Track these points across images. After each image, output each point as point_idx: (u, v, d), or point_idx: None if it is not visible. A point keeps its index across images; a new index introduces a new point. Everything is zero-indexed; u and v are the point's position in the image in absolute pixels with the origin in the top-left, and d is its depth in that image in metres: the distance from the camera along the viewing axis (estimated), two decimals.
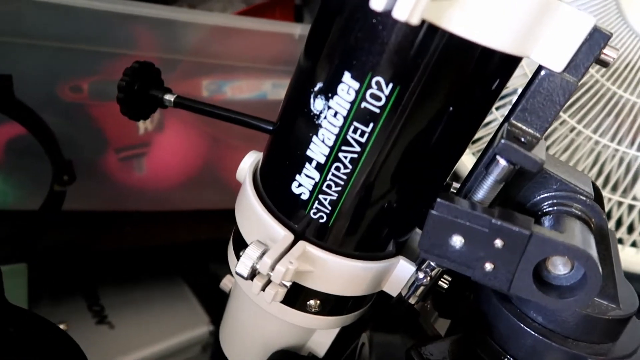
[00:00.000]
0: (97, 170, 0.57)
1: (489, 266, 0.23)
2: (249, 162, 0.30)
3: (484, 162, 0.24)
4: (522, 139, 0.23)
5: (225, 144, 0.62)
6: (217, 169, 0.63)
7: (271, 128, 0.29)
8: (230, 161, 0.60)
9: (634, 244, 0.56)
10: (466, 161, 0.53)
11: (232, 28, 0.51)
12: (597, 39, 0.23)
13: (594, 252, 0.22)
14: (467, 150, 0.44)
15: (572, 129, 0.50)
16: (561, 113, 0.49)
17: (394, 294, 0.29)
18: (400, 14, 0.17)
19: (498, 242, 0.22)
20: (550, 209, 0.26)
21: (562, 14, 0.21)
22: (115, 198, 0.60)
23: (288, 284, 0.24)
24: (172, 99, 0.33)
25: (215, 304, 0.47)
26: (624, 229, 0.55)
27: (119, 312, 0.57)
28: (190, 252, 0.65)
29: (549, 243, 0.21)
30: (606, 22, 0.44)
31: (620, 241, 0.55)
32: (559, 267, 0.23)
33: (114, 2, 0.45)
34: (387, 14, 0.18)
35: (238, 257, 0.25)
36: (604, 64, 0.23)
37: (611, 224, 0.54)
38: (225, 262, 0.33)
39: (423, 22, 0.20)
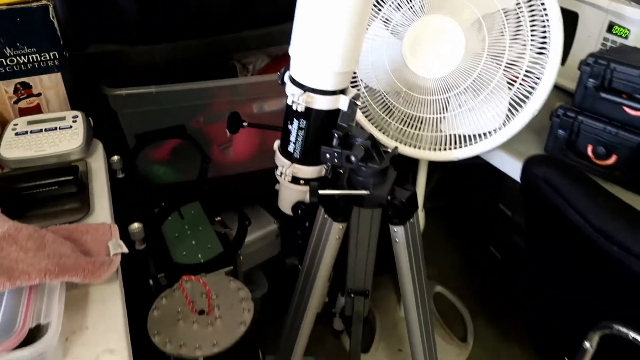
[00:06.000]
0: (212, 155, 1.18)
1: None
2: (277, 144, 0.89)
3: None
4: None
5: (264, 138, 1.21)
6: (262, 149, 1.23)
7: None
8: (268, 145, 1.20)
9: None
10: None
11: (259, 82, 1.10)
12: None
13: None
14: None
15: None
16: None
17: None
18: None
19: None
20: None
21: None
22: (221, 169, 1.22)
23: (289, 177, 0.82)
24: (247, 123, 0.92)
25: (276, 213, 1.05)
26: None
27: (232, 222, 1.19)
28: (257, 191, 1.25)
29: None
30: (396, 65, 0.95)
31: None
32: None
33: (209, 82, 1.05)
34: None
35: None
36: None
37: None
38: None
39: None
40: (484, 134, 0.90)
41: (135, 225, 0.78)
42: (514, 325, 1.45)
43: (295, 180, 0.84)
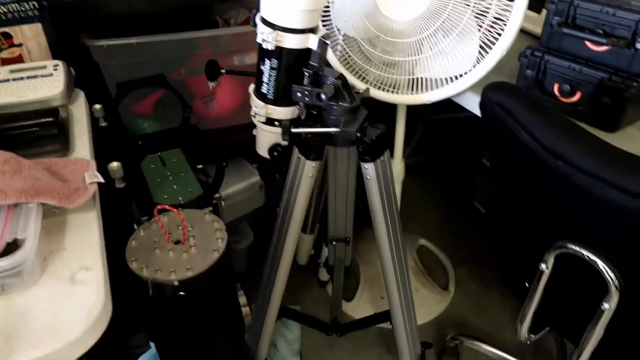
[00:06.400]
0: (195, 109, 1.20)
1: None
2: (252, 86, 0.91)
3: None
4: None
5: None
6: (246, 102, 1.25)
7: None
8: None
9: None
10: None
11: (239, 33, 1.11)
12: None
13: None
14: None
15: None
16: None
17: None
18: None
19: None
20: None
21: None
22: (204, 122, 1.24)
23: (263, 118, 0.84)
24: (224, 71, 0.94)
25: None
26: None
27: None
28: (240, 143, 1.28)
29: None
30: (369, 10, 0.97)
31: None
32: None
33: (189, 33, 1.07)
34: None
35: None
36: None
37: None
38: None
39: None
40: (456, 77, 0.93)
41: (114, 164, 0.81)
42: (494, 274, 1.50)
43: (269, 121, 0.86)
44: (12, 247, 0.56)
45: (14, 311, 0.54)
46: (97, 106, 0.97)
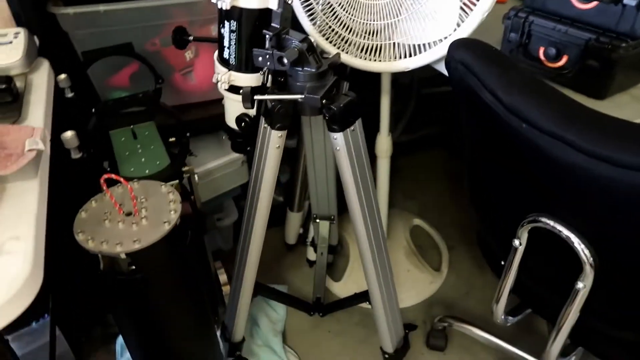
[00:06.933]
0: (172, 82, 1.16)
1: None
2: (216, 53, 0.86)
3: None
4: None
5: None
6: None
7: None
8: None
9: None
10: None
11: None
12: None
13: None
14: None
15: None
16: None
17: None
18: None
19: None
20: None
21: None
22: (183, 95, 1.20)
23: (226, 85, 0.80)
24: (192, 37, 0.90)
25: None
26: None
27: (196, 147, 1.19)
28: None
29: None
30: None
31: None
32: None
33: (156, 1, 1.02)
34: None
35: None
36: None
37: None
38: None
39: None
40: (435, 43, 0.87)
41: (68, 133, 0.77)
42: None
43: (233, 89, 0.82)
44: None
45: None
46: (62, 76, 0.93)
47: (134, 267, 0.68)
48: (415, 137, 1.64)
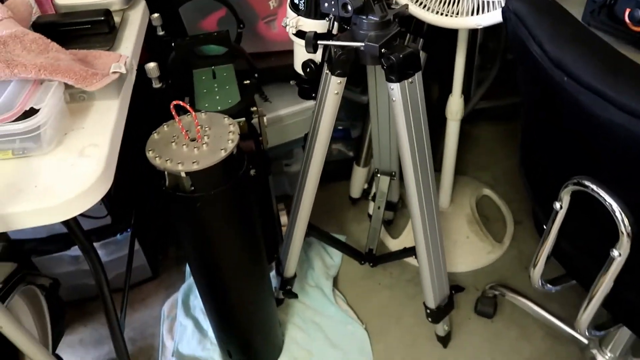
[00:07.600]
0: (256, 30, 1.23)
1: None
2: None
3: None
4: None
5: None
6: None
7: None
8: None
9: None
10: None
11: None
12: None
13: None
14: None
15: None
16: None
17: None
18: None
19: None
20: None
21: None
22: (264, 43, 1.26)
23: (294, 29, 0.84)
24: None
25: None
26: None
27: (272, 94, 1.25)
28: None
29: None
30: None
31: None
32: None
33: None
34: None
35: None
36: None
37: None
38: None
39: None
40: None
41: (151, 64, 0.86)
42: None
43: (300, 34, 0.85)
44: (30, 113, 0.63)
45: (29, 171, 0.62)
46: (155, 15, 1.03)
47: (193, 187, 0.76)
48: (496, 104, 1.59)
